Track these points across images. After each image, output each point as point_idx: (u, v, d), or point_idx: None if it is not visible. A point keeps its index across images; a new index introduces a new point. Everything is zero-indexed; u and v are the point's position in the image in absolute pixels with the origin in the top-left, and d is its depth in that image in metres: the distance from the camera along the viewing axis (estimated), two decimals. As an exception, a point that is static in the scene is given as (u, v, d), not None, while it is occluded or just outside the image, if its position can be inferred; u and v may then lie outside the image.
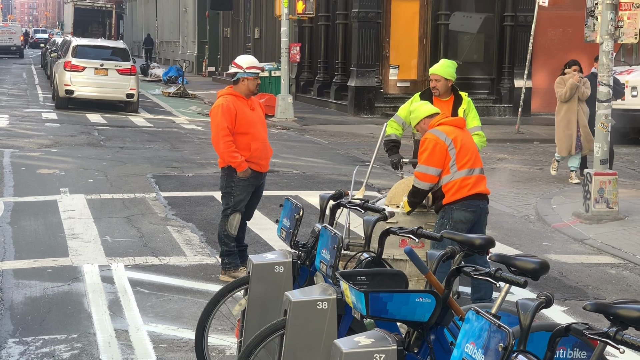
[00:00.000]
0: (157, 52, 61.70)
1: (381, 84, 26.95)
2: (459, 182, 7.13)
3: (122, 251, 9.83)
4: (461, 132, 7.26)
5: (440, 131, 7.17)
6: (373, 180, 13.74)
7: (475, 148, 7.36)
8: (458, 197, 7.12)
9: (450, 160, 7.12)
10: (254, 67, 8.70)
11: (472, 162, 7.18)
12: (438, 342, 4.42)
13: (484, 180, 7.32)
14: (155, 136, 20.97)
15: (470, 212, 7.15)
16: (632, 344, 3.35)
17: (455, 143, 7.12)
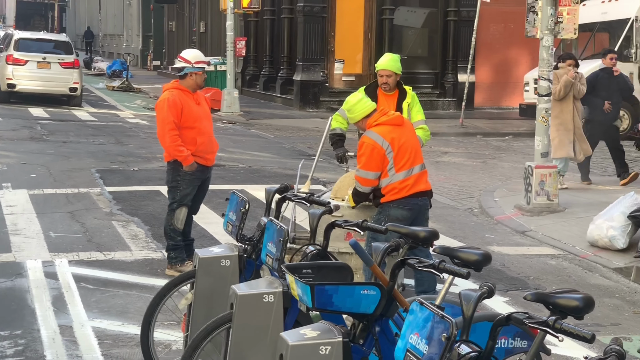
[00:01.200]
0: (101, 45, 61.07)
1: (326, 78, 27.01)
2: (397, 184, 7.09)
3: (66, 247, 9.75)
4: (399, 130, 7.13)
5: (377, 134, 7.04)
6: (318, 174, 13.79)
7: (415, 144, 7.26)
8: (396, 197, 7.11)
9: (388, 164, 7.06)
10: (201, 61, 8.70)
11: (411, 161, 7.12)
12: (383, 333, 4.48)
13: (424, 177, 7.29)
14: (100, 130, 20.78)
15: (407, 210, 7.14)
16: (571, 332, 3.43)
17: (392, 146, 7.03)
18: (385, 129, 7.08)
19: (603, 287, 8.97)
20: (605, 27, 21.74)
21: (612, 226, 9.96)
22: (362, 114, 7.13)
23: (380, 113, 7.18)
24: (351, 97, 7.37)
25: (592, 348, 6.81)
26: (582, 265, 9.76)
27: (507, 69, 27.35)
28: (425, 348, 3.59)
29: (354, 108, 7.18)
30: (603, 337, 7.15)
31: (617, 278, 9.30)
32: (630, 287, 8.98)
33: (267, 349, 4.92)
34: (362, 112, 7.14)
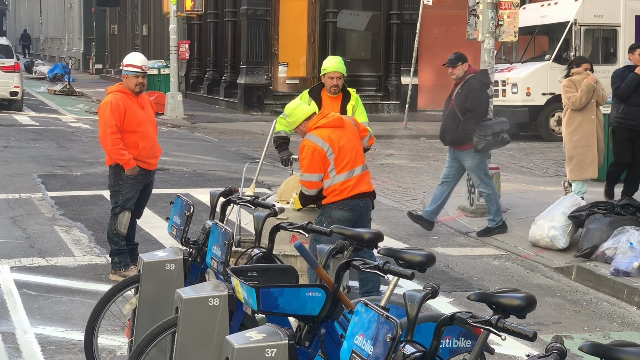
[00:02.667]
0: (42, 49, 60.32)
1: (270, 82, 27.00)
2: (338, 186, 7.12)
3: (8, 252, 9.61)
4: (339, 132, 7.14)
5: (317, 137, 7.06)
6: (263, 177, 13.79)
7: (356, 146, 7.26)
8: (337, 199, 7.15)
9: (329, 165, 7.09)
10: (132, 65, 8.58)
11: (352, 163, 7.14)
12: (329, 335, 4.50)
13: (366, 177, 7.32)
14: (41, 135, 20.53)
15: (348, 211, 7.18)
16: (513, 330, 3.48)
17: (333, 147, 7.05)
18: (325, 131, 7.10)
19: (545, 286, 9.10)
20: (545, 30, 22.08)
21: (553, 226, 10.12)
22: (302, 117, 7.15)
23: (320, 116, 7.19)
24: (290, 103, 7.42)
25: (534, 346, 6.91)
26: (524, 265, 9.89)
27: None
28: (371, 349, 3.61)
29: (294, 112, 7.20)
30: (545, 335, 7.26)
31: (558, 277, 9.45)
32: (571, 286, 9.13)
33: (213, 353, 4.91)
34: (301, 116, 7.15)
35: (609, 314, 8.22)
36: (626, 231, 9.30)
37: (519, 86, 20.69)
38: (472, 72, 10.83)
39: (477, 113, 10.65)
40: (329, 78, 8.61)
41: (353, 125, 7.43)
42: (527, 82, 20.72)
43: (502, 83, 20.68)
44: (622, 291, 8.69)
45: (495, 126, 10.76)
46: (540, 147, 20.01)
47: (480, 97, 10.74)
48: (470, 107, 10.62)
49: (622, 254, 9.04)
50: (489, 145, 10.75)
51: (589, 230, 9.71)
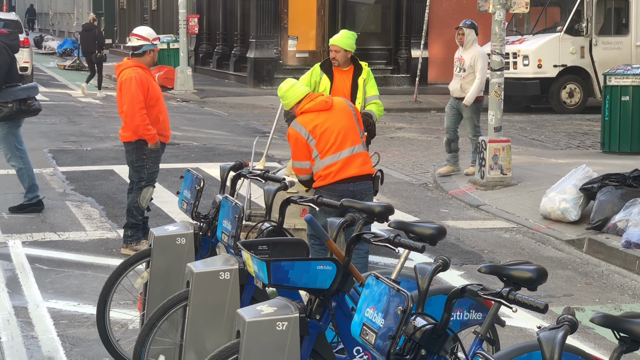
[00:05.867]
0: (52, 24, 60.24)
1: (280, 55, 26.92)
2: (321, 171, 6.87)
3: (19, 227, 9.64)
4: (325, 115, 6.85)
5: (298, 124, 6.86)
6: (273, 151, 13.77)
7: (345, 127, 6.90)
8: (323, 184, 6.89)
9: (312, 152, 6.86)
10: (157, 38, 8.72)
11: (338, 146, 6.84)
12: (339, 308, 4.50)
13: (357, 160, 6.91)
14: (51, 110, 20.53)
15: (336, 196, 6.57)
16: (524, 302, 3.47)
17: (314, 133, 6.81)
18: (308, 116, 6.86)
19: (556, 259, 9.09)
20: (557, 2, 21.92)
21: (565, 199, 10.09)
22: (295, 99, 6.89)
23: (307, 99, 6.90)
24: (284, 83, 7.03)
25: (545, 319, 6.91)
26: (535, 238, 9.88)
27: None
28: (382, 321, 3.61)
29: (286, 95, 6.91)
30: (556, 307, 7.26)
31: (569, 250, 9.43)
32: (582, 259, 9.11)
33: (224, 326, 4.93)
34: (294, 98, 6.89)
35: (621, 286, 8.21)
36: (638, 203, 9.27)
37: (530, 58, 20.56)
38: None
39: None
40: (330, 50, 8.63)
41: (346, 105, 7.09)
42: (539, 54, 20.59)
43: (513, 55, 20.54)
44: (633, 263, 8.68)
45: (20, 92, 9.92)
46: (552, 120, 19.93)
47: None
48: None
49: (634, 226, 9.01)
50: (13, 113, 9.90)
51: (600, 203, 9.68)
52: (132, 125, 8.49)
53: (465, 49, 12.42)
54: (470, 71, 12.31)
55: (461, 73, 12.40)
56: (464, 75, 12.36)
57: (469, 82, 12.32)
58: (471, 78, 12.31)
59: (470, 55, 12.34)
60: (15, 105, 9.78)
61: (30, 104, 9.87)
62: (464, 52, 12.42)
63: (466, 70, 12.33)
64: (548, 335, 3.19)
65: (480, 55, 12.33)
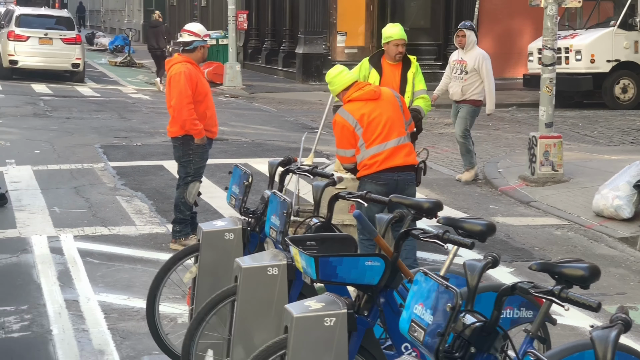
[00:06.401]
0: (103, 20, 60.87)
1: (329, 51, 26.90)
2: (367, 160, 6.90)
3: (71, 222, 9.75)
4: (372, 105, 6.88)
5: (346, 112, 6.88)
6: (322, 146, 13.76)
7: (392, 117, 6.93)
8: (368, 172, 6.93)
9: (359, 140, 6.88)
10: (208, 34, 8.77)
11: (384, 136, 6.87)
12: (388, 304, 4.47)
13: (403, 150, 6.96)
14: (103, 106, 20.75)
15: (380, 184, 6.85)
16: (577, 301, 3.41)
17: (361, 122, 6.83)
18: (356, 105, 6.88)
19: (609, 256, 8.96)
20: (610, -4, 21.63)
21: (618, 196, 9.93)
22: (341, 86, 6.92)
23: (355, 87, 6.93)
24: (332, 69, 7.09)
25: (598, 317, 6.80)
26: (588, 236, 9.74)
27: (510, 39, 27.17)
28: (430, 318, 3.58)
29: (334, 80, 6.94)
30: (609, 306, 7.14)
31: (622, 248, 9.29)
32: (636, 257, 8.97)
33: (272, 322, 4.92)
34: (341, 85, 6.92)
35: (675, 285, 8.07)
36: (693, 200, 9.10)
37: (582, 53, 20.29)
38: None
39: None
40: (394, 45, 8.58)
41: (393, 96, 7.12)
42: (592, 49, 20.31)
43: (565, 50, 20.28)
44: (688, 262, 8.53)
45: None
46: (605, 115, 19.66)
47: None
48: None
49: (688, 224, 8.85)
50: None
51: (654, 200, 9.53)
52: (180, 119, 8.54)
53: (466, 51, 12.18)
54: (473, 73, 12.06)
55: (462, 75, 12.09)
56: (465, 77, 12.06)
57: (470, 85, 12.05)
58: (473, 80, 12.04)
59: (473, 57, 12.08)
60: None
61: None
62: (465, 55, 12.17)
63: (468, 72, 12.07)
64: (601, 335, 3.14)
65: (483, 57, 12.12)
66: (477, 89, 12.08)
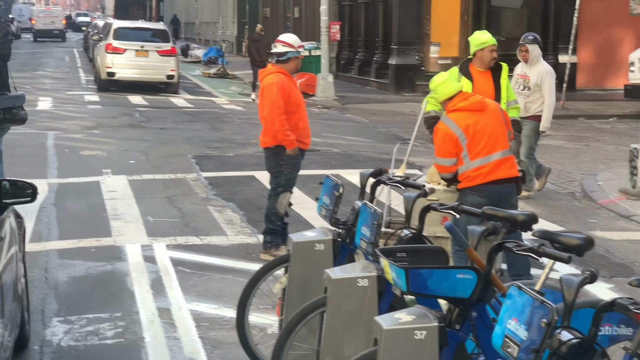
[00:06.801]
0: (197, 33, 61.88)
1: (422, 62, 26.76)
2: (471, 172, 6.82)
3: (164, 231, 9.87)
4: (478, 116, 6.81)
5: (451, 121, 6.81)
6: (414, 158, 13.65)
7: (496, 129, 6.87)
8: (471, 184, 6.86)
9: (462, 151, 6.80)
10: (302, 45, 8.79)
11: (489, 149, 6.79)
12: (480, 318, 4.38)
13: (507, 163, 6.91)
14: (196, 117, 21.03)
15: (484, 197, 6.77)
16: (680, 319, 3.27)
17: (466, 133, 6.75)
18: (462, 115, 6.81)
19: None
20: None
21: None
22: (446, 95, 6.87)
23: (461, 97, 6.86)
24: (437, 76, 7.05)
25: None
26: (689, 251, 9.42)
27: (610, 49, 26.53)
28: (525, 334, 3.49)
29: (438, 88, 6.90)
30: None
31: None
32: None
33: (362, 333, 4.87)
34: (445, 94, 6.87)
35: None
36: None
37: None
38: None
39: None
40: (489, 51, 8.49)
41: (497, 108, 7.08)
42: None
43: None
44: None
45: (6, 101, 9.52)
46: None
47: None
48: None
49: None
50: None
51: None
52: (271, 130, 8.56)
53: (530, 66, 11.65)
54: (535, 89, 11.57)
55: (525, 91, 11.53)
56: (528, 94, 11.48)
57: (533, 101, 11.49)
58: (536, 97, 11.51)
59: (537, 72, 11.55)
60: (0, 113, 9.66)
61: (15, 113, 9.83)
62: (529, 69, 11.64)
63: (531, 88, 11.55)
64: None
65: (548, 72, 11.58)
66: (542, 105, 11.54)
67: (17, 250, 6.05)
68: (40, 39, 65.03)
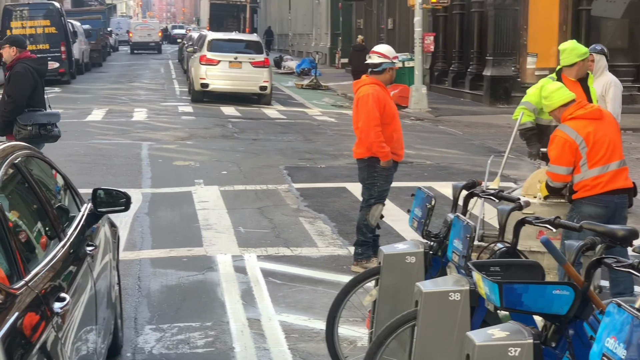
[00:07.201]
0: (290, 44, 62.38)
1: (518, 73, 26.40)
2: (589, 181, 6.77)
3: (255, 242, 9.90)
4: (596, 124, 6.80)
5: (570, 129, 6.76)
6: (509, 170, 13.43)
7: (614, 139, 6.87)
8: (589, 194, 6.80)
9: (581, 159, 6.75)
10: (396, 56, 8.76)
11: (607, 158, 6.77)
12: (577, 336, 4.24)
13: (624, 173, 6.90)
14: (288, 128, 21.13)
15: (601, 207, 6.77)
16: None
17: (587, 141, 6.72)
18: (581, 123, 6.78)
19: None
20: None
21: None
22: (560, 102, 6.86)
23: (577, 105, 6.86)
24: (549, 84, 7.08)
25: None
26: None
27: None
28: (624, 353, 3.35)
29: (552, 95, 6.89)
30: None
31: None
32: None
33: (453, 349, 4.77)
34: (560, 101, 6.86)
35: None
36: None
37: None
38: (24, 57, 9.93)
39: (14, 99, 9.67)
40: (590, 61, 8.49)
41: (612, 117, 7.12)
42: None
43: None
44: None
45: (41, 117, 9.73)
46: None
47: (21, 84, 9.74)
48: (9, 92, 9.72)
49: None
50: (30, 136, 9.54)
51: None
52: (367, 141, 8.52)
53: (596, 77, 11.24)
54: (600, 101, 11.18)
55: None
56: None
57: None
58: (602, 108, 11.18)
59: (602, 83, 11.08)
60: (34, 129, 9.79)
61: (49, 130, 9.94)
62: (594, 81, 11.27)
63: (598, 100, 11.22)
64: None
65: (612, 83, 11.16)
66: None
67: (111, 258, 6.13)
68: (137, 51, 66.57)
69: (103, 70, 44.24)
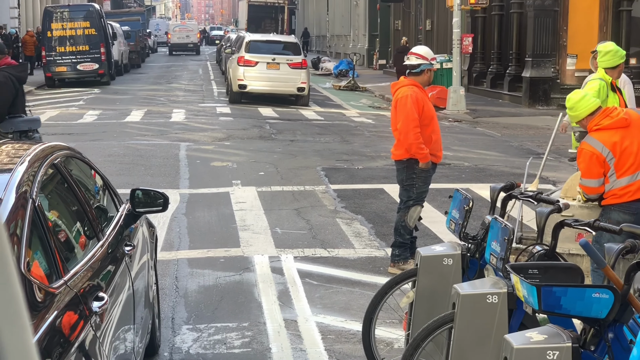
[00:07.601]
0: (328, 46, 62.41)
1: (558, 74, 26.19)
2: (618, 190, 6.67)
3: (292, 243, 9.91)
4: (623, 133, 6.64)
5: (597, 141, 6.63)
6: (548, 172, 13.33)
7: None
8: (617, 201, 6.70)
9: (609, 170, 6.64)
10: (435, 57, 8.73)
11: (636, 167, 6.64)
12: (617, 340, 4.19)
13: None
14: (326, 129, 21.13)
15: (629, 214, 6.64)
16: None
17: (614, 152, 6.59)
18: (607, 133, 6.62)
19: None
20: None
21: None
22: (586, 112, 6.67)
23: (603, 114, 6.68)
24: (573, 94, 6.85)
25: None
26: None
27: None
28: (665, 358, 3.30)
29: (577, 106, 6.70)
30: None
31: None
32: None
33: (491, 351, 4.74)
34: (585, 111, 6.68)
35: None
36: None
37: None
38: (4, 64, 9.89)
39: None
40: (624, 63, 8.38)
41: None
42: None
43: None
44: None
45: (22, 124, 9.73)
46: None
47: (2, 93, 9.74)
48: None
49: None
50: None
51: None
52: (406, 143, 8.50)
53: None
54: None
55: None
56: None
57: None
58: None
59: None
60: (15, 136, 9.78)
61: (30, 136, 9.96)
62: None
63: None
64: None
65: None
66: None
67: (149, 258, 6.17)
68: (176, 53, 66.99)
69: (142, 72, 44.56)
